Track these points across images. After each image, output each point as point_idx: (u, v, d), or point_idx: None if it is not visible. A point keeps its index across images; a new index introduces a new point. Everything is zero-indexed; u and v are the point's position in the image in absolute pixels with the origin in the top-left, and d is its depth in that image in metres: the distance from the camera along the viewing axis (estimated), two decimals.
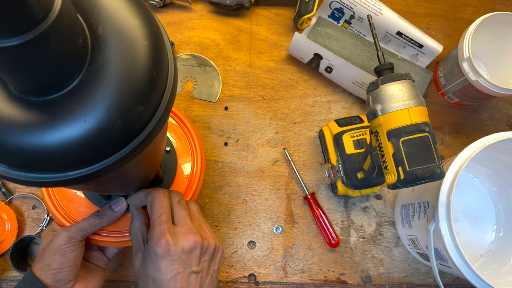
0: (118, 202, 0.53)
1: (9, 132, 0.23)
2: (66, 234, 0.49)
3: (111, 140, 0.24)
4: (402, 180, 0.47)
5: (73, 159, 0.24)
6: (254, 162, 0.74)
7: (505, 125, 0.81)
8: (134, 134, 0.25)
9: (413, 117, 0.47)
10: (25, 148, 0.23)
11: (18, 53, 0.20)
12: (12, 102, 0.23)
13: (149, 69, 0.24)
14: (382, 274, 0.72)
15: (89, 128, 0.23)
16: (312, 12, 0.75)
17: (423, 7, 0.85)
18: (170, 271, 0.44)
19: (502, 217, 0.71)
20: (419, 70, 0.78)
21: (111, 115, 0.23)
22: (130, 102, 0.24)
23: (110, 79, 0.23)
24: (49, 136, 0.22)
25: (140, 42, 0.24)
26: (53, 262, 0.48)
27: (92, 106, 0.23)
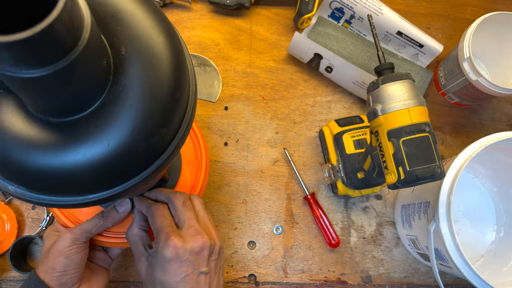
0: (122, 203, 0.52)
1: (27, 153, 0.22)
2: (71, 236, 0.49)
3: (133, 163, 0.23)
4: (402, 180, 0.47)
5: (94, 182, 0.23)
6: (254, 162, 0.74)
7: (506, 125, 0.80)
8: (156, 156, 0.25)
9: (414, 117, 0.47)
10: (43, 170, 0.22)
11: (44, 82, 0.19)
12: (30, 122, 0.22)
13: (173, 89, 0.23)
14: (382, 274, 0.72)
15: (111, 151, 0.22)
16: (312, 11, 0.75)
17: (423, 7, 0.85)
18: (179, 273, 0.44)
19: (502, 217, 0.71)
20: (420, 70, 0.78)
21: (134, 138, 0.22)
22: (153, 124, 0.23)
23: (133, 101, 0.22)
24: (69, 158, 0.21)
25: (164, 61, 0.23)
26: (57, 265, 0.48)
27: (114, 128, 0.22)
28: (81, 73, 0.20)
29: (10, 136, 0.22)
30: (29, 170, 0.22)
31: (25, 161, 0.21)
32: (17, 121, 0.22)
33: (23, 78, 0.18)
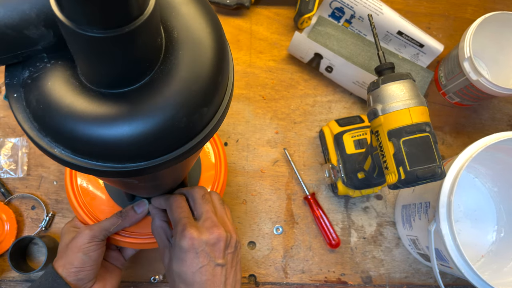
0: (141, 204, 0.53)
1: (79, 121, 0.23)
2: (90, 233, 0.50)
3: (174, 136, 0.25)
4: (402, 180, 0.47)
5: (137, 151, 0.25)
6: (254, 162, 0.74)
7: (506, 125, 0.80)
8: (195, 133, 0.26)
9: (414, 117, 0.47)
10: (92, 138, 0.23)
11: (107, 45, 0.21)
12: (83, 92, 0.24)
13: (215, 74, 0.26)
14: (382, 275, 0.71)
15: (155, 123, 0.23)
16: (312, 11, 0.74)
17: (423, 6, 0.85)
18: (195, 264, 0.44)
19: (503, 217, 0.71)
20: (420, 70, 0.78)
21: (178, 113, 0.24)
22: (196, 102, 0.25)
23: (179, 79, 0.24)
24: (116, 128, 0.23)
25: (210, 49, 0.25)
26: (75, 260, 0.49)
27: (161, 103, 0.24)
28: (140, 43, 0.22)
29: (64, 104, 0.23)
30: (77, 136, 0.24)
31: (75, 127, 0.23)
32: (71, 90, 0.24)
33: (92, 38, 0.20)
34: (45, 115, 0.24)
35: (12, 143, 0.70)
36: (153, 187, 0.44)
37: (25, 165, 0.69)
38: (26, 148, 0.69)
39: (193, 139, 0.26)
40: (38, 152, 0.70)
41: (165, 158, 0.26)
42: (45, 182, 0.69)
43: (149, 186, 0.42)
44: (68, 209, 0.68)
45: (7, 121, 0.71)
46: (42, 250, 0.66)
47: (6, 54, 0.24)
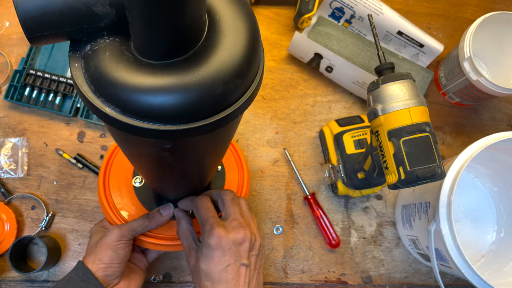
0: (166, 207, 0.56)
1: (129, 86, 0.27)
2: (119, 231, 0.52)
3: (211, 101, 0.28)
4: (402, 180, 0.47)
5: (179, 114, 0.28)
6: (254, 162, 0.74)
7: (506, 125, 0.80)
8: (230, 102, 0.30)
9: (414, 117, 0.47)
10: (140, 100, 0.27)
11: (163, 9, 0.24)
12: (135, 62, 0.28)
13: (249, 53, 0.29)
14: (382, 275, 0.71)
15: (196, 90, 0.27)
16: (312, 11, 0.74)
17: (423, 6, 0.85)
18: (222, 262, 0.46)
19: (503, 217, 0.71)
20: (420, 70, 0.78)
21: (215, 81, 0.27)
22: (231, 74, 0.28)
23: (219, 55, 0.28)
24: (163, 93, 0.27)
25: (246, 32, 0.29)
26: (104, 257, 0.51)
27: (202, 72, 0.27)
28: (191, 15, 0.26)
29: (117, 70, 0.27)
30: (128, 99, 0.27)
31: (125, 92, 0.27)
32: (125, 60, 0.28)
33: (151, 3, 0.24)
34: (101, 78, 0.28)
35: (12, 143, 0.70)
36: (186, 172, 0.46)
37: (25, 165, 0.69)
38: (26, 148, 0.69)
39: (227, 109, 0.30)
40: (39, 152, 0.70)
41: (203, 122, 0.29)
42: (45, 182, 0.69)
43: (182, 171, 0.44)
44: (68, 209, 0.68)
45: (7, 121, 0.71)
46: (42, 250, 0.66)
47: (75, 26, 0.28)
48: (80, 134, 0.71)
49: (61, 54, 0.73)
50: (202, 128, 0.29)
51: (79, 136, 0.71)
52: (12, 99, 0.70)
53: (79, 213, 0.68)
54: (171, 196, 0.56)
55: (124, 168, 0.61)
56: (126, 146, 0.37)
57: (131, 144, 0.36)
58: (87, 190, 0.69)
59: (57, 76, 0.70)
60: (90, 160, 0.70)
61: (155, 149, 0.34)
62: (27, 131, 0.71)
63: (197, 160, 0.40)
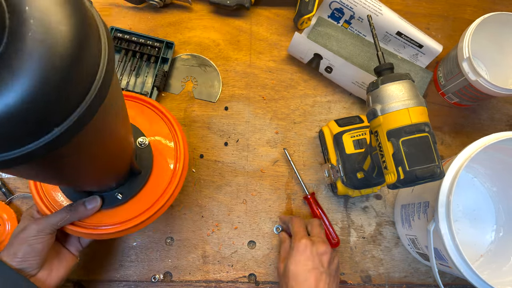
0: (92, 200, 0.53)
1: None
2: (36, 227, 0.51)
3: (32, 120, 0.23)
4: (402, 180, 0.47)
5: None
6: (254, 162, 0.74)
7: (505, 125, 0.81)
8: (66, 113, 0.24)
9: (413, 117, 0.47)
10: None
11: None
12: None
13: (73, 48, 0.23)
14: (382, 274, 0.72)
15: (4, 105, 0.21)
16: (312, 12, 0.75)
17: (423, 7, 0.85)
18: (307, 264, 0.57)
19: (502, 217, 0.71)
20: (419, 70, 0.78)
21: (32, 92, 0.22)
22: (51, 81, 0.22)
23: (30, 56, 0.22)
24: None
25: (64, 23, 0.23)
26: (19, 251, 0.50)
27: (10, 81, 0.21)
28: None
29: None
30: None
31: None
32: None
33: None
34: None
35: None
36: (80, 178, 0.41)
37: None
38: None
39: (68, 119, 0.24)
40: None
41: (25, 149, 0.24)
42: None
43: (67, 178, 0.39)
44: None
45: None
46: None
47: None
48: None
49: None
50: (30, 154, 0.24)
51: None
52: None
53: None
54: (92, 190, 0.53)
55: None
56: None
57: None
58: None
59: None
60: None
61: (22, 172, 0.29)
62: None
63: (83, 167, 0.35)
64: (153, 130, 0.60)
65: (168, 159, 0.59)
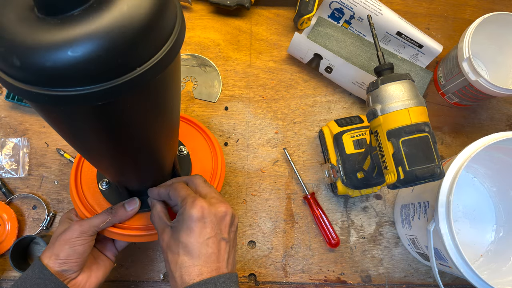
0: (131, 201, 0.54)
1: (30, 48, 0.24)
2: (79, 228, 0.51)
3: (123, 52, 0.26)
4: (402, 180, 0.47)
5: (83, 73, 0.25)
6: (254, 162, 0.74)
7: (505, 125, 0.81)
8: (147, 54, 0.27)
9: (413, 117, 0.47)
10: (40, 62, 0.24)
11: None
12: (35, 21, 0.25)
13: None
14: (382, 274, 0.72)
15: (106, 36, 0.24)
16: (312, 12, 0.75)
17: (423, 7, 0.85)
18: (203, 234, 0.45)
19: (502, 217, 0.71)
20: (419, 70, 0.78)
21: (126, 27, 0.25)
22: (142, 19, 0.26)
23: (119, 6, 0.25)
24: (63, 51, 0.24)
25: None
26: (61, 252, 0.50)
27: (108, 19, 0.25)
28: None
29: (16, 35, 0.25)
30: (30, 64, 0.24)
31: (25, 56, 0.24)
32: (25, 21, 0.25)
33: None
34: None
35: (13, 143, 0.70)
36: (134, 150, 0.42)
37: (26, 165, 0.69)
38: (27, 148, 0.70)
39: (146, 63, 0.27)
40: (40, 152, 0.70)
41: (110, 83, 0.26)
42: (46, 182, 0.69)
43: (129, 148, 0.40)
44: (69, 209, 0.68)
45: (8, 121, 0.71)
46: (43, 249, 0.67)
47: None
48: None
49: None
50: (122, 86, 0.26)
51: None
52: (13, 100, 0.70)
53: None
54: (135, 185, 0.54)
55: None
56: (51, 122, 0.34)
57: (58, 121, 0.33)
58: None
59: None
60: None
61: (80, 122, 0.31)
62: (28, 131, 0.71)
63: (135, 133, 0.37)
64: (193, 144, 0.63)
65: (206, 172, 0.61)
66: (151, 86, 0.30)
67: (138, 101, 0.31)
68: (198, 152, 0.62)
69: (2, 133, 0.70)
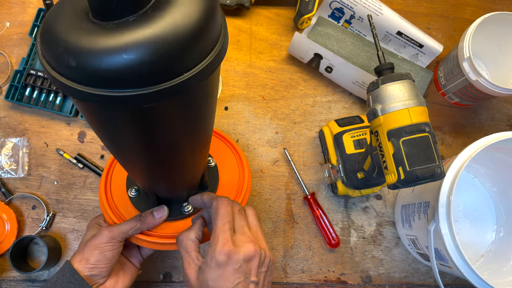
0: (160, 209, 0.55)
1: (87, 50, 0.25)
2: (109, 234, 0.52)
3: (171, 59, 0.27)
4: (402, 180, 0.47)
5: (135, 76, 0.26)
6: (254, 162, 0.74)
7: (505, 125, 0.81)
8: (193, 61, 0.28)
9: (413, 117, 0.47)
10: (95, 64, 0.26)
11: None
12: (91, 26, 0.27)
13: (209, 9, 0.28)
14: (382, 274, 0.72)
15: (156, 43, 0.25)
16: (312, 12, 0.75)
17: (423, 7, 0.85)
18: (232, 279, 0.44)
19: (502, 217, 0.71)
20: (419, 70, 0.78)
21: (176, 35, 0.26)
22: (192, 29, 0.27)
23: (176, 10, 0.27)
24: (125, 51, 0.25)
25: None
26: (91, 257, 0.51)
27: (159, 27, 0.26)
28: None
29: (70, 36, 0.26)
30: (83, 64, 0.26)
31: (83, 60, 0.26)
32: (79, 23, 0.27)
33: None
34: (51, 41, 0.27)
35: (12, 143, 0.70)
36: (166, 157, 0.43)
37: (25, 165, 0.69)
38: (26, 148, 0.70)
39: (192, 69, 0.28)
40: (39, 152, 0.70)
41: (162, 85, 0.27)
42: (46, 182, 0.69)
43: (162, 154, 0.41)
44: (69, 209, 0.68)
45: (8, 121, 0.71)
46: (42, 249, 0.67)
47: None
48: (80, 134, 0.71)
49: None
50: (169, 90, 0.28)
51: (79, 136, 0.71)
52: (12, 99, 0.70)
53: (80, 213, 0.68)
54: (164, 192, 0.55)
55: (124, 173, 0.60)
56: (94, 123, 0.35)
57: (98, 120, 0.34)
58: (88, 190, 0.69)
59: None
60: (91, 160, 0.70)
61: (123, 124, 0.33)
62: (28, 131, 0.71)
63: (172, 138, 0.38)
64: (221, 156, 0.63)
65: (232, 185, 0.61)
66: (194, 91, 0.31)
67: (180, 106, 0.32)
68: (225, 165, 0.62)
69: (2, 133, 0.70)
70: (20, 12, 0.75)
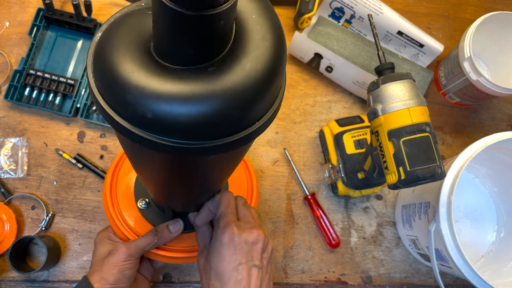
0: (176, 223, 0.54)
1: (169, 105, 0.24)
2: (127, 251, 0.51)
3: (236, 115, 0.26)
4: (403, 180, 0.47)
5: (193, 129, 0.25)
6: (254, 162, 0.74)
7: (506, 125, 0.80)
8: (248, 124, 0.27)
9: (414, 117, 0.47)
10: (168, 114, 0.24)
11: (194, 23, 0.22)
12: (161, 70, 0.25)
13: (276, 64, 0.27)
14: (382, 275, 0.71)
15: (214, 106, 0.24)
16: (312, 11, 0.74)
17: (423, 6, 0.85)
18: (233, 260, 0.45)
19: (503, 217, 0.71)
20: (420, 70, 0.78)
21: (243, 91, 0.25)
22: (251, 95, 0.25)
23: (245, 63, 0.25)
24: (193, 101, 0.24)
25: (273, 50, 0.27)
26: (111, 277, 0.50)
27: (229, 81, 0.24)
28: (220, 26, 0.23)
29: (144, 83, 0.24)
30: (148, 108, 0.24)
31: (153, 107, 0.24)
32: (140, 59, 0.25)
33: (182, 15, 0.21)
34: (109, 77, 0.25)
35: (12, 143, 0.69)
36: (195, 189, 0.44)
37: (25, 165, 0.69)
38: (26, 148, 0.69)
39: (246, 129, 0.27)
40: (39, 152, 0.70)
41: (223, 140, 0.26)
42: (45, 182, 0.69)
43: (192, 187, 0.42)
44: (68, 209, 0.68)
45: (7, 121, 0.70)
46: (42, 250, 0.66)
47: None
48: (80, 134, 0.71)
49: (61, 54, 0.73)
50: (224, 146, 0.26)
51: (79, 136, 0.71)
52: (12, 99, 0.70)
53: (79, 213, 0.68)
54: (180, 208, 0.54)
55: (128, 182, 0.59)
56: (133, 156, 0.35)
57: (138, 155, 0.33)
58: (87, 190, 0.69)
59: (57, 76, 0.70)
60: (90, 160, 0.70)
61: (165, 164, 0.32)
62: (27, 131, 0.71)
63: (210, 176, 0.38)
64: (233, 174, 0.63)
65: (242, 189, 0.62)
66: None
67: (234, 152, 0.32)
68: (235, 177, 0.62)
69: (1, 133, 0.70)
70: (19, 11, 0.75)
